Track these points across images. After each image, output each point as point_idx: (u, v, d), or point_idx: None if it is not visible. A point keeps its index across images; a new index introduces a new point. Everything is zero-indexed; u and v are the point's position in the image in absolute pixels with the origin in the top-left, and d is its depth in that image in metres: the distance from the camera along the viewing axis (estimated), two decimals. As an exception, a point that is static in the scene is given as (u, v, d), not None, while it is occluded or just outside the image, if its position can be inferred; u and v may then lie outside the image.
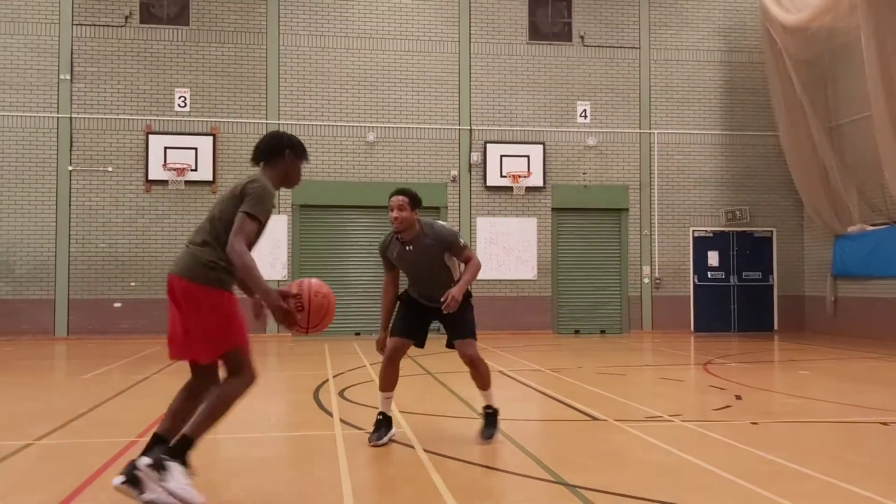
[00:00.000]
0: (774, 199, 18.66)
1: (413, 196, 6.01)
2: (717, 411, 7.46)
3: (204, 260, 4.06)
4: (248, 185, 4.13)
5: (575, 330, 17.87)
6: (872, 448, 5.96)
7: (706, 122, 18.50)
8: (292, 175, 4.47)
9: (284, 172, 4.42)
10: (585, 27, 18.19)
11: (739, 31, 18.66)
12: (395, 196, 6.04)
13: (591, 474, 5.03)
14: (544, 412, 8.02)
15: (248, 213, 4.02)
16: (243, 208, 4.02)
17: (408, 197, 6.00)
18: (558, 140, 17.96)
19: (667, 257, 18.25)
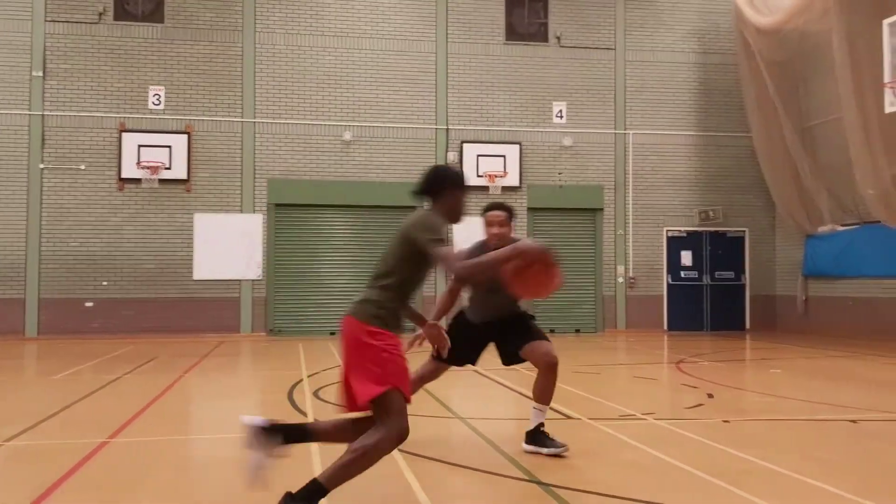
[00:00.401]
0: (747, 200, 18.87)
1: (511, 210, 5.79)
2: (690, 409, 7.53)
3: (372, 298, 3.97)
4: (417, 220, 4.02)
5: (550, 329, 17.93)
6: (842, 445, 6.05)
7: (680, 122, 18.66)
8: (457, 208, 4.26)
9: (450, 206, 4.23)
10: (562, 28, 18.27)
11: (713, 32, 18.83)
12: (495, 212, 5.77)
13: (564, 473, 5.06)
14: (519, 410, 8.03)
15: (431, 240, 3.90)
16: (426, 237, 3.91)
17: (507, 212, 5.76)
18: (534, 140, 18.02)
19: (641, 257, 18.39)
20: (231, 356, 13.16)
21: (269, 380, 10.26)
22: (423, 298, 15.62)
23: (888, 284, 15.50)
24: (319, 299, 17.22)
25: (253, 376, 11.25)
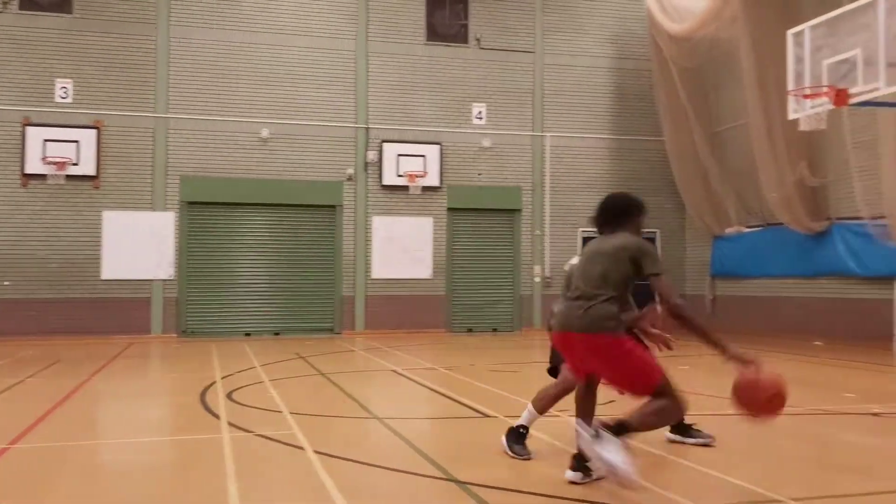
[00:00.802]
0: (658, 202, 19.38)
1: None
2: (602, 406, 7.68)
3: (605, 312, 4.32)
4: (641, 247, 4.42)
5: (468, 328, 18.08)
6: (744, 439, 6.28)
7: (596, 126, 19.06)
8: (639, 233, 4.68)
9: (635, 232, 4.61)
10: (482, 30, 18.42)
11: (628, 38, 19.31)
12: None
13: (481, 470, 5.09)
14: (437, 410, 8.07)
15: (658, 272, 4.37)
16: (654, 270, 4.35)
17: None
18: (454, 141, 18.11)
19: (557, 257, 18.68)
20: (141, 358, 12.78)
21: (181, 382, 10.00)
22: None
23: (790, 284, 16.19)
24: (234, 300, 16.89)
25: (164, 379, 10.94)
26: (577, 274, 4.51)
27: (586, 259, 4.54)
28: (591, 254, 4.51)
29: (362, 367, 11.78)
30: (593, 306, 4.32)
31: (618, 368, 4.32)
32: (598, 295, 4.34)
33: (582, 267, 4.50)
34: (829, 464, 5.44)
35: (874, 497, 4.49)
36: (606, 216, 4.65)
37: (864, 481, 4.84)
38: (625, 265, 4.35)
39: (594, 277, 4.39)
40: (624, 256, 4.36)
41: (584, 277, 4.44)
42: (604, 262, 4.40)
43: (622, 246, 4.40)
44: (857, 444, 6.14)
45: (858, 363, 11.66)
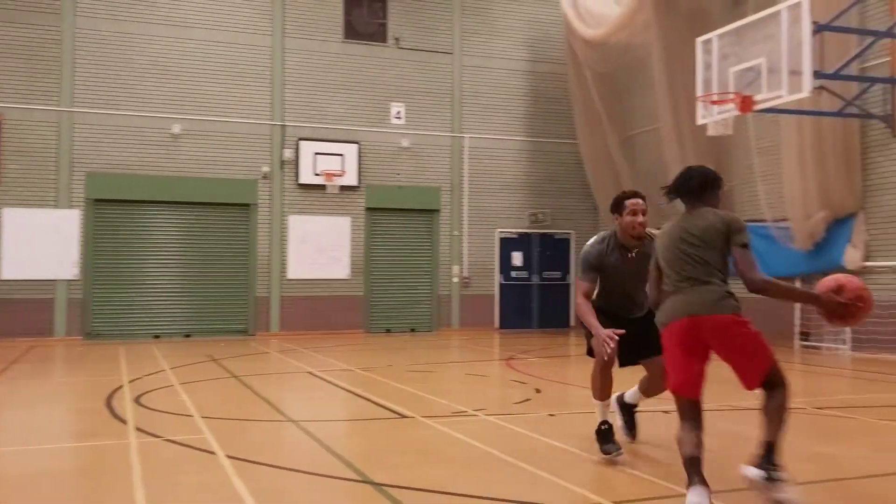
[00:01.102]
0: (573, 203, 19.76)
1: (644, 198, 5.49)
2: (518, 404, 7.78)
3: (724, 292, 4.25)
4: (731, 222, 4.33)
5: (386, 329, 18.01)
6: (654, 435, 6.44)
7: (513, 128, 19.27)
8: (719, 207, 4.51)
9: (715, 206, 4.46)
10: (401, 30, 18.38)
11: (544, 42, 19.59)
12: (637, 199, 5.49)
13: (397, 471, 5.07)
14: (353, 411, 8.01)
15: (745, 243, 4.28)
16: (741, 241, 4.25)
17: (644, 200, 5.46)
18: (373, 140, 18.01)
19: (475, 257, 18.83)
20: (43, 362, 12.23)
21: (86, 386, 9.62)
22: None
23: (698, 284, 16.71)
24: (142, 301, 16.36)
25: (68, 383, 10.50)
26: (674, 259, 4.35)
27: (681, 242, 4.35)
28: (681, 237, 4.35)
29: (277, 370, 11.58)
30: (712, 289, 4.27)
31: (743, 348, 4.29)
32: (712, 276, 4.30)
33: (678, 252, 4.34)
34: (733, 457, 5.62)
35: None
36: (684, 189, 4.54)
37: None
38: (725, 243, 4.31)
39: (694, 260, 4.30)
40: (724, 234, 4.30)
41: (690, 262, 4.31)
42: (704, 241, 4.31)
43: (716, 222, 4.32)
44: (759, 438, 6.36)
45: (761, 360, 12.11)
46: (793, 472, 5.05)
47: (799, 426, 6.93)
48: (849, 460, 5.43)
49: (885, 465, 5.22)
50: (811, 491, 4.66)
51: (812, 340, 13.59)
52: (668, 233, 4.48)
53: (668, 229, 4.51)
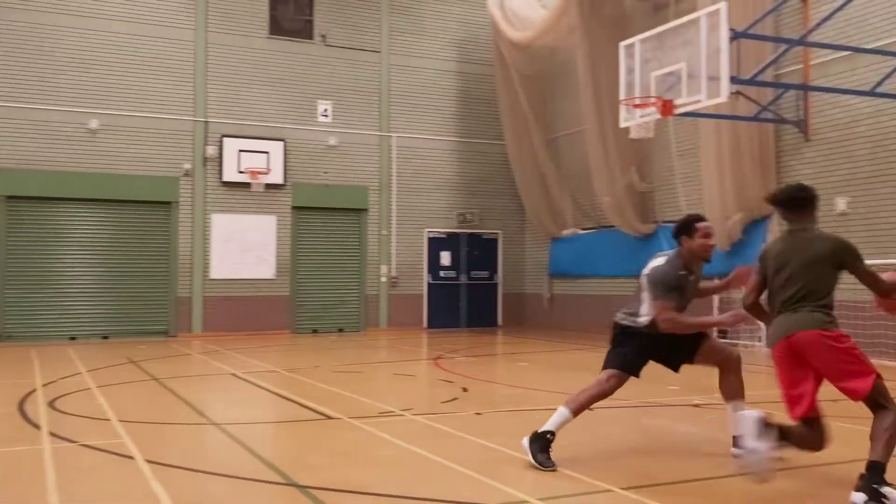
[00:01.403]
0: (501, 204, 19.94)
1: None
2: (446, 404, 7.80)
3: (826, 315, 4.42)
4: (837, 243, 4.50)
5: (313, 329, 17.82)
6: (579, 432, 6.54)
7: (442, 128, 19.31)
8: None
9: (814, 220, 4.68)
10: (327, 27, 18.20)
11: (473, 43, 19.70)
12: (707, 223, 5.56)
13: (322, 473, 5.02)
14: (278, 414, 7.89)
15: (867, 267, 4.50)
16: (861, 266, 4.47)
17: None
18: (300, 138, 17.79)
19: (403, 257, 18.80)
20: (-50, 366, 11.65)
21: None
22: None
23: (621, 283, 17.06)
24: (58, 301, 15.76)
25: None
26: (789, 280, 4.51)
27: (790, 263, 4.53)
28: (792, 258, 4.52)
29: (199, 371, 11.32)
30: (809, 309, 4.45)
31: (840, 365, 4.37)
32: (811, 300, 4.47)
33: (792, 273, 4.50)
34: (654, 453, 5.76)
35: (693, 483, 4.79)
36: (792, 203, 4.69)
37: (685, 469, 5.16)
38: (837, 268, 4.51)
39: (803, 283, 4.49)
40: (836, 260, 4.48)
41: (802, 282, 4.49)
42: (814, 267, 4.48)
43: (827, 247, 4.50)
44: (680, 434, 6.55)
45: (681, 357, 12.46)
46: (712, 466, 5.21)
47: (717, 421, 7.15)
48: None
49: (795, 458, 5.41)
50: (729, 484, 4.81)
51: (730, 337, 14.02)
52: (780, 254, 4.65)
53: (781, 250, 4.67)
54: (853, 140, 12.04)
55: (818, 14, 12.21)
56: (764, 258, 4.76)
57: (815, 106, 12.68)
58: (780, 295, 4.57)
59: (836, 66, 12.26)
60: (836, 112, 12.31)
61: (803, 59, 12.70)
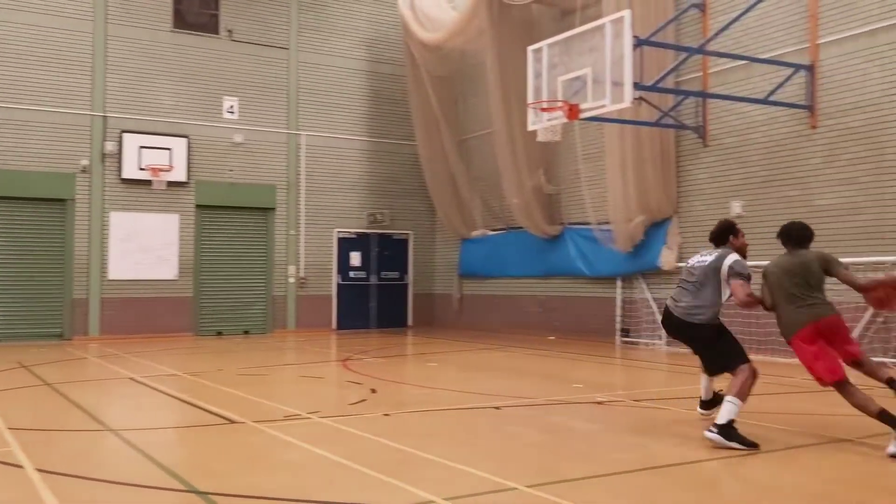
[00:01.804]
0: (412, 204, 19.93)
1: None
2: (353, 405, 7.72)
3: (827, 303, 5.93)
4: (823, 258, 6.00)
5: (217, 331, 17.38)
6: (486, 431, 6.60)
7: (352, 127, 19.15)
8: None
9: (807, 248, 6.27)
10: (234, 22, 17.78)
11: (383, 43, 19.62)
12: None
13: (224, 479, 4.88)
14: (179, 418, 7.65)
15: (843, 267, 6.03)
16: (840, 269, 5.94)
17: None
18: (204, 134, 17.32)
19: (312, 257, 18.56)
20: None
21: None
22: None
23: (528, 283, 17.35)
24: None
25: None
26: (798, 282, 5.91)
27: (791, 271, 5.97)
28: (793, 267, 5.98)
29: (95, 376, 10.86)
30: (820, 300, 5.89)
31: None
32: (815, 291, 5.91)
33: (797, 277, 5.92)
34: (559, 450, 5.86)
35: (596, 479, 4.89)
36: (802, 238, 6.15)
37: (588, 465, 5.26)
38: (824, 272, 5.93)
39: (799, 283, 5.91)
40: (822, 267, 5.93)
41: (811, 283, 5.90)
42: (806, 271, 5.93)
43: (812, 259, 5.99)
44: (583, 431, 6.67)
45: (586, 356, 12.75)
46: (613, 462, 5.33)
47: (618, 418, 7.33)
48: (662, 448, 5.78)
49: (691, 453, 5.60)
50: (630, 479, 4.93)
51: (631, 336, 14.43)
52: (784, 266, 6.08)
53: (782, 264, 6.11)
54: (748, 146, 12.57)
55: (717, 24, 12.70)
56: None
57: (712, 113, 13.18)
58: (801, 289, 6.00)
59: (732, 75, 12.77)
60: (732, 119, 12.83)
61: (702, 68, 13.18)
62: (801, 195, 11.73)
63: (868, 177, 10.94)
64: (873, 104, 10.86)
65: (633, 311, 14.45)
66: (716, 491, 4.63)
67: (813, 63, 11.56)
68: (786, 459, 5.51)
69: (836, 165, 11.26)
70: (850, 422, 6.18)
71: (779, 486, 4.79)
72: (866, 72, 10.96)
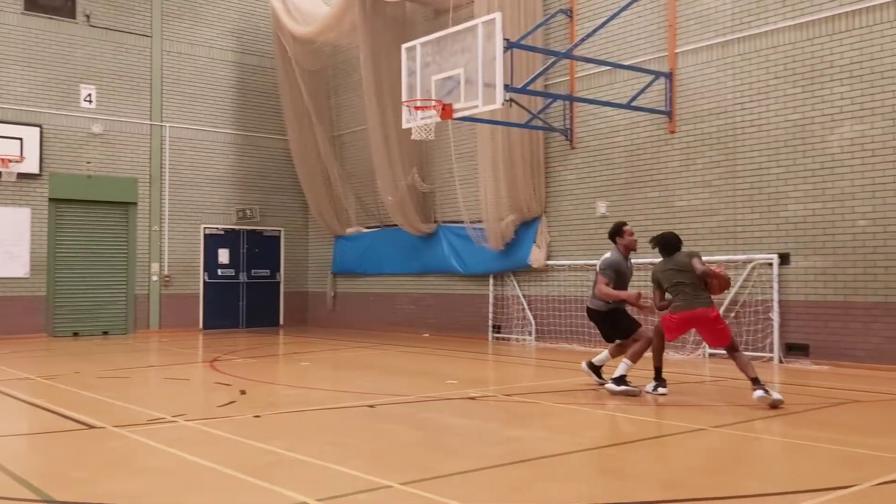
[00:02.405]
0: (283, 200, 19.58)
1: None
2: (222, 407, 7.50)
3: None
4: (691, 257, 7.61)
5: (74, 332, 16.46)
6: (360, 429, 6.56)
7: (219, 120, 18.59)
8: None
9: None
10: (91, 6, 16.86)
11: (252, 34, 19.14)
12: (629, 227, 8.28)
13: (83, 487, 4.63)
14: (32, 425, 7.18)
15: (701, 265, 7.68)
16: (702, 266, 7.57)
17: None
18: (58, 124, 16.35)
19: (177, 254, 17.89)
20: None
21: None
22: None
23: (403, 281, 17.40)
24: None
25: None
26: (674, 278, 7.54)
27: (671, 269, 7.60)
28: (673, 266, 7.60)
29: (-64, 382, 10.04)
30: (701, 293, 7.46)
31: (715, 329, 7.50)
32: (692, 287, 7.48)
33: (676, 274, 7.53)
34: (432, 447, 5.90)
35: (467, 474, 4.96)
36: (670, 247, 7.70)
37: (461, 460, 5.33)
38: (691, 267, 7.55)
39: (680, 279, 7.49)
40: (688, 264, 7.52)
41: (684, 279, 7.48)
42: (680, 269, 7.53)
43: (684, 258, 7.59)
44: (457, 427, 6.76)
45: (460, 352, 12.92)
46: (485, 457, 5.43)
47: (490, 413, 7.48)
48: (531, 442, 5.94)
49: (559, 445, 5.78)
50: (501, 473, 5.03)
51: (503, 332, 14.74)
52: (667, 266, 7.67)
53: (666, 264, 7.69)
54: (612, 149, 13.10)
55: (583, 30, 13.16)
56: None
57: (579, 116, 13.66)
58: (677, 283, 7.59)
59: (598, 80, 13.27)
60: (597, 122, 13.33)
61: (570, 72, 13.63)
62: (661, 196, 12.35)
63: (721, 180, 11.65)
64: (726, 111, 11.57)
65: (505, 307, 14.78)
66: (581, 482, 4.79)
67: (672, 71, 12.18)
68: (646, 449, 5.77)
69: (693, 169, 11.92)
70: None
71: (637, 473, 5.02)
72: (720, 80, 11.66)
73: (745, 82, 11.37)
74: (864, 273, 10.16)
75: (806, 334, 10.65)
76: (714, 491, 4.51)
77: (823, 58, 10.58)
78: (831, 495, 4.32)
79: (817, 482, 4.61)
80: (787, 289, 10.84)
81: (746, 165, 11.34)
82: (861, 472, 4.83)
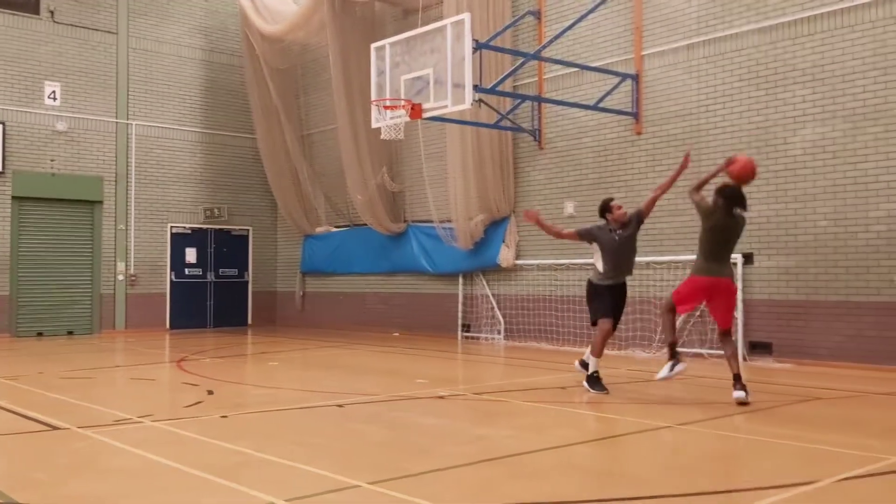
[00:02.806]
0: (251, 199, 19.44)
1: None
2: (189, 408, 7.45)
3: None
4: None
5: (38, 332, 16.21)
6: (329, 429, 6.56)
7: (187, 118, 18.41)
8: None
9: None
10: (56, 3, 16.61)
11: (221, 32, 18.98)
12: (616, 201, 8.53)
13: (47, 489, 4.58)
14: (-7, 427, 7.07)
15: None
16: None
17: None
18: (21, 121, 16.09)
19: (143, 253, 17.69)
20: None
21: None
22: None
23: (373, 280, 17.38)
24: None
25: None
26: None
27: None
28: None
29: None
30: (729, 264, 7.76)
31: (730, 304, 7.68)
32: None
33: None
34: (402, 446, 5.92)
35: (437, 473, 4.98)
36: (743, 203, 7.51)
37: (430, 459, 5.35)
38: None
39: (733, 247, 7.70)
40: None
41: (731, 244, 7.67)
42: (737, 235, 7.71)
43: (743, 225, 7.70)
44: (426, 426, 6.78)
45: (429, 352, 12.94)
46: (454, 455, 5.45)
47: (460, 412, 7.51)
48: (499, 440, 5.98)
49: (527, 444, 5.83)
50: (469, 471, 5.05)
51: (472, 331, 14.79)
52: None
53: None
54: (580, 149, 13.21)
55: (551, 32, 13.25)
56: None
57: (547, 117, 13.75)
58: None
59: (566, 81, 13.37)
60: (565, 123, 13.43)
61: (538, 73, 13.71)
62: (628, 197, 12.45)
63: (686, 181, 11.77)
64: (691, 113, 11.72)
65: (474, 306, 14.83)
66: (547, 480, 4.84)
67: (638, 73, 12.31)
68: (612, 447, 5.85)
69: (658, 170, 12.06)
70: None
71: (604, 471, 5.08)
72: (685, 83, 11.81)
73: (710, 85, 11.53)
74: (825, 273, 10.36)
75: (769, 333, 10.83)
76: (679, 488, 4.58)
77: (786, 61, 10.77)
78: (793, 492, 4.41)
79: (780, 478, 4.70)
80: (750, 288, 11.01)
81: (710, 167, 11.45)
82: (822, 469, 4.94)
